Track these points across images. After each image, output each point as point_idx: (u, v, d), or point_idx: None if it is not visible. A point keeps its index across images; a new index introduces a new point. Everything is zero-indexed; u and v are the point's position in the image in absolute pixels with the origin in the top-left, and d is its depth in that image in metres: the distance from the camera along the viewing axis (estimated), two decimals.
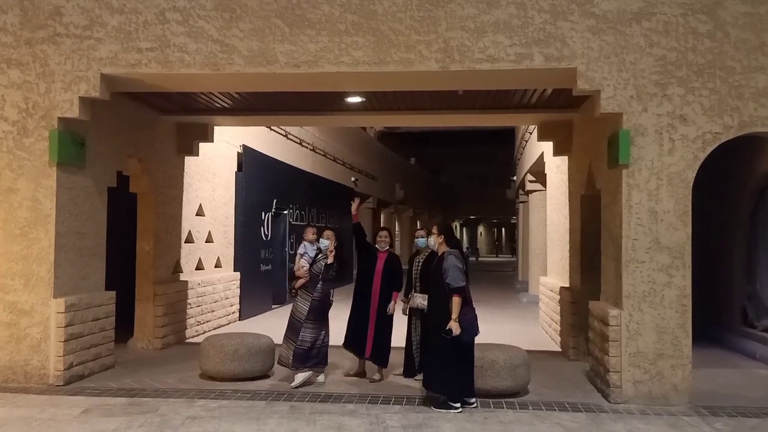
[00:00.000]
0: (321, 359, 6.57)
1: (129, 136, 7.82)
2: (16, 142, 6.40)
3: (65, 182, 6.53)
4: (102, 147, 7.20)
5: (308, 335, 6.47)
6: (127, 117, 7.77)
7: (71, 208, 6.65)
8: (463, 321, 5.46)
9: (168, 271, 8.93)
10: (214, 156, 10.55)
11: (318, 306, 6.56)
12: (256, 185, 12.17)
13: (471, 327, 5.54)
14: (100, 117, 7.10)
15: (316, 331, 6.49)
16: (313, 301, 6.54)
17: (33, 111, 6.40)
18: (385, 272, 6.78)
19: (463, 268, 5.63)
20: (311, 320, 6.51)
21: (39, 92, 6.39)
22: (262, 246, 12.62)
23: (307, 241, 7.08)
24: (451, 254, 5.69)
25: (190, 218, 9.69)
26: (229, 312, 10.97)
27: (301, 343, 6.40)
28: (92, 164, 6.99)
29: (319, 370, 6.62)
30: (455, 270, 5.56)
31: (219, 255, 10.77)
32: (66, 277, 6.55)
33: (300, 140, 15.35)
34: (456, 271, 5.55)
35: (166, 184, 8.87)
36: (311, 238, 7.01)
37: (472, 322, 5.57)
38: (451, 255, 5.67)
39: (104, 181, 7.26)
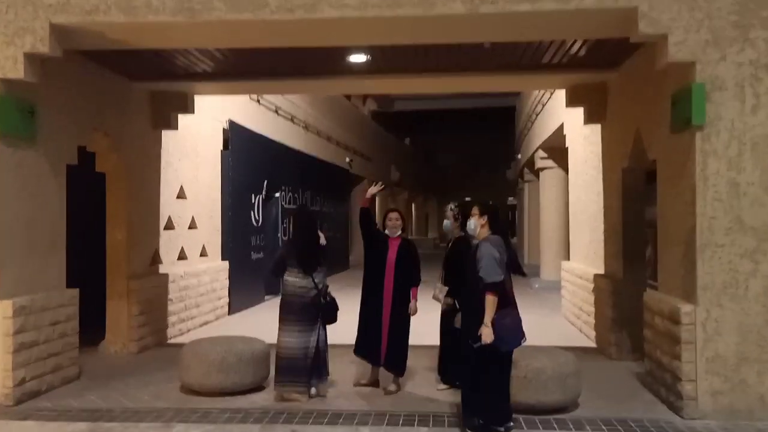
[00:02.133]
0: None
1: (93, 106, 6.61)
2: None
3: (9, 159, 5.34)
4: (58, 118, 6.00)
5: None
6: (89, 83, 6.55)
7: (18, 191, 5.47)
8: (499, 327, 4.25)
9: (144, 263, 7.77)
10: (196, 132, 9.35)
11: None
12: (244, 165, 10.99)
13: (511, 335, 4.31)
14: (56, 82, 5.90)
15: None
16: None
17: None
18: (399, 263, 5.63)
19: (501, 258, 4.41)
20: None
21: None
22: (252, 232, 11.46)
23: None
24: (488, 241, 4.53)
25: (170, 202, 8.51)
26: (216, 306, 9.83)
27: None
28: (46, 138, 5.80)
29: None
30: (490, 261, 4.34)
31: (204, 243, 9.61)
32: (14, 275, 5.39)
33: (291, 116, 14.13)
34: (491, 262, 4.33)
35: (140, 162, 7.67)
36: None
37: (512, 329, 4.33)
38: (486, 242, 4.50)
39: (62, 159, 6.07)
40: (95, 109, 6.67)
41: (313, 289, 5.29)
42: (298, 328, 5.26)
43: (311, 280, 5.28)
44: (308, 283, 5.28)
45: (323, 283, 5.38)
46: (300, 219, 5.67)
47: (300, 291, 5.29)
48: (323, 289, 5.36)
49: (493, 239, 4.54)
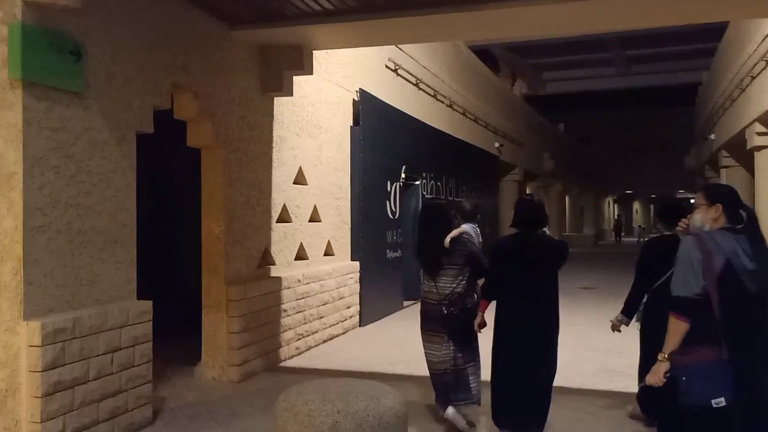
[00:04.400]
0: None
1: (174, 55, 4.96)
2: None
3: (42, 119, 3.75)
4: (123, 67, 4.38)
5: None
6: (169, 22, 4.90)
7: (60, 162, 3.88)
8: (680, 368, 2.75)
9: (250, 265, 6.08)
10: (319, 101, 7.57)
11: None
12: (379, 145, 9.09)
13: (698, 385, 2.72)
14: (117, 14, 4.28)
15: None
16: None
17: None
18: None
19: (711, 266, 2.73)
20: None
21: None
22: (388, 226, 9.55)
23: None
24: (699, 237, 2.84)
25: (285, 187, 6.78)
26: (344, 317, 8.01)
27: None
28: (101, 93, 4.19)
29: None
30: (683, 267, 2.79)
31: (329, 238, 7.82)
32: (48, 283, 3.81)
33: (434, 91, 12.08)
34: (684, 269, 2.79)
35: (246, 135, 5.98)
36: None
37: (702, 376, 2.72)
38: (692, 239, 2.84)
39: (129, 124, 4.45)
40: (179, 60, 5.01)
41: (437, 294, 4.38)
42: (435, 339, 4.42)
43: (434, 284, 4.40)
44: (431, 287, 4.43)
45: (452, 290, 4.34)
46: (422, 214, 4.78)
47: (427, 297, 4.48)
48: (451, 297, 4.33)
49: (709, 236, 2.80)
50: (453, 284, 4.34)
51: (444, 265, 4.35)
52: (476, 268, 4.39)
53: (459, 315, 4.31)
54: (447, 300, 4.31)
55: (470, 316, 4.32)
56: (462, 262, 4.34)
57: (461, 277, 4.35)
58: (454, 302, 4.31)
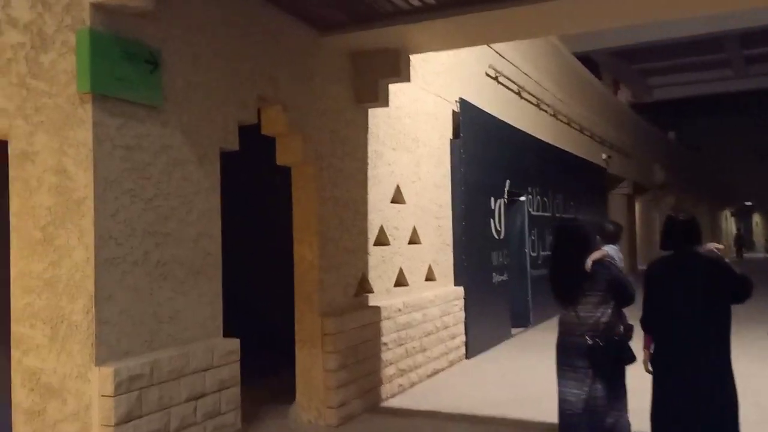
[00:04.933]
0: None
1: (260, 64, 4.50)
2: (30, 63, 3.37)
3: (115, 136, 3.34)
4: (203, 76, 3.94)
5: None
6: (254, 30, 4.45)
7: (135, 185, 3.45)
8: None
9: (346, 293, 5.49)
10: (416, 113, 6.95)
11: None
12: (481, 159, 8.34)
13: None
14: (199, 20, 3.85)
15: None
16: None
17: None
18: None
19: None
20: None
21: None
22: (493, 247, 8.74)
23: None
24: None
25: (383, 207, 6.18)
26: (449, 348, 7.26)
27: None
28: (182, 105, 3.76)
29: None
30: None
31: (430, 262, 7.13)
32: (124, 321, 3.36)
33: (537, 100, 11.20)
34: None
35: (339, 151, 5.44)
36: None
37: None
38: None
39: (212, 140, 4.00)
40: (265, 70, 4.55)
41: (578, 325, 3.87)
42: (575, 376, 3.90)
43: (574, 314, 3.89)
44: (571, 317, 3.92)
45: (596, 320, 3.83)
46: (557, 236, 4.31)
47: (565, 327, 3.98)
48: (596, 327, 3.82)
49: None
50: (596, 313, 3.84)
51: (585, 292, 3.85)
52: (622, 295, 3.83)
53: (605, 347, 3.79)
54: (591, 330, 3.83)
55: (618, 350, 3.85)
56: (605, 288, 3.82)
57: (605, 305, 3.85)
58: (600, 333, 3.81)
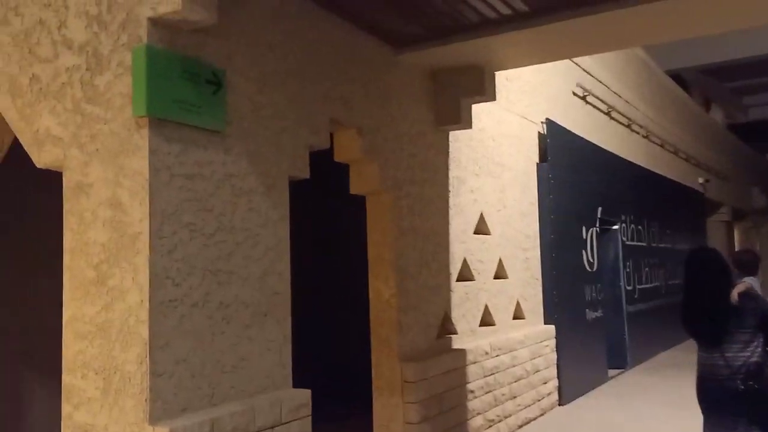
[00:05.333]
0: None
1: (332, 85, 4.11)
2: (84, 86, 3.09)
3: (173, 164, 2.99)
4: (271, 98, 3.58)
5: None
6: (326, 47, 4.08)
7: (196, 218, 3.09)
8: None
9: (428, 335, 4.96)
10: (500, 135, 6.42)
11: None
12: (570, 184, 7.67)
13: None
14: (265, 36, 3.51)
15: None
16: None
17: (108, 15, 3.04)
18: None
19: None
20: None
21: None
22: (585, 280, 7.98)
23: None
24: None
25: (465, 238, 5.63)
26: (541, 395, 6.55)
27: None
28: (247, 130, 3.40)
29: None
30: None
31: (518, 298, 6.49)
32: (183, 372, 2.96)
33: (629, 120, 10.40)
34: None
35: (417, 177, 4.97)
36: None
37: None
38: None
39: (281, 169, 3.61)
40: (338, 91, 4.16)
41: (724, 367, 3.46)
42: (712, 422, 3.55)
43: (719, 354, 3.48)
44: (715, 359, 3.50)
45: (745, 360, 3.43)
46: (691, 265, 3.72)
47: (709, 371, 3.55)
48: (747, 369, 3.41)
49: None
50: (746, 352, 3.46)
51: (732, 329, 3.49)
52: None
53: (761, 391, 3.43)
54: (741, 373, 3.44)
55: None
56: (755, 323, 3.45)
57: (755, 342, 3.48)
58: (752, 375, 3.43)
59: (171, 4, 2.84)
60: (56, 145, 3.16)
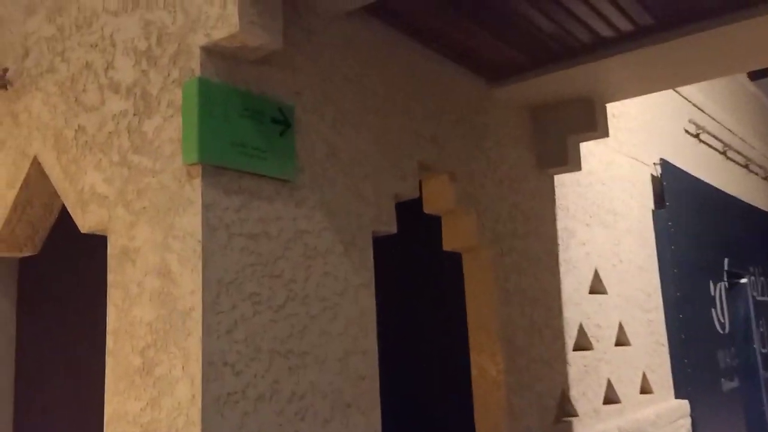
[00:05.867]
0: None
1: (420, 123, 3.50)
2: (132, 134, 2.61)
3: (235, 218, 2.42)
4: (349, 139, 3.00)
5: None
6: (415, 82, 3.49)
7: (260, 287, 2.48)
8: None
9: (544, 419, 4.09)
10: (610, 179, 5.59)
11: None
12: (692, 233, 6.65)
13: None
14: (341, 66, 2.97)
15: None
16: None
17: (158, 49, 2.57)
18: None
19: None
20: None
21: (170, 6, 2.55)
22: (717, 344, 6.81)
23: None
24: None
25: (579, 299, 4.78)
26: None
27: None
28: (321, 177, 2.81)
29: None
30: None
31: (644, 369, 5.48)
32: None
33: (746, 160, 9.26)
34: None
35: (520, 229, 4.23)
36: None
37: None
38: None
39: (361, 221, 2.99)
40: (426, 130, 3.54)
41: None
42: None
43: None
44: None
45: None
46: None
47: None
48: None
49: None
50: None
51: None
52: None
53: None
54: None
55: None
56: None
57: None
58: None
59: (227, 26, 2.33)
60: (101, 204, 2.68)
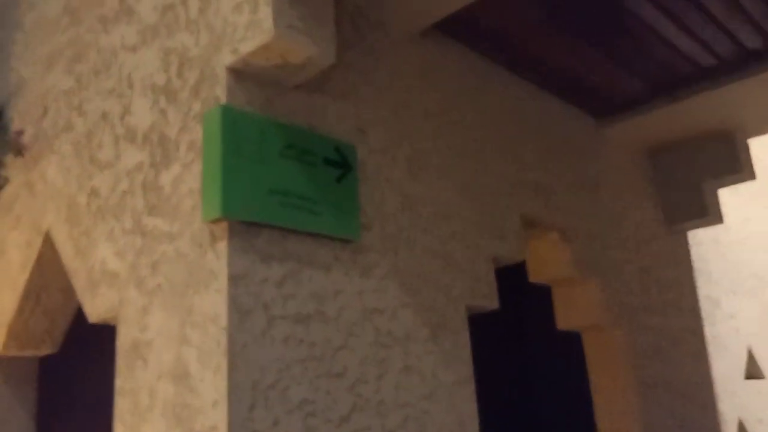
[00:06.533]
0: None
1: (520, 169, 2.76)
2: (147, 191, 2.00)
3: (276, 295, 1.72)
4: (432, 189, 2.29)
5: None
6: (511, 119, 2.78)
7: (312, 391, 1.74)
8: None
9: None
10: (750, 235, 4.56)
11: None
12: None
13: None
14: (422, 99, 2.31)
15: None
16: None
17: (178, 81, 1.99)
18: None
19: None
20: None
21: (193, 25, 2.00)
22: None
23: None
24: None
25: (734, 387, 3.72)
26: None
27: None
28: (396, 239, 2.09)
29: None
30: None
31: None
32: None
33: None
34: None
35: (654, 302, 3.31)
36: None
37: None
38: None
39: (453, 296, 2.23)
40: (529, 177, 2.79)
41: None
42: None
43: None
44: None
45: None
46: None
47: None
48: None
49: None
50: None
51: None
52: None
53: None
54: None
55: None
56: None
57: None
58: None
59: (260, 34, 1.73)
60: (111, 284, 2.07)
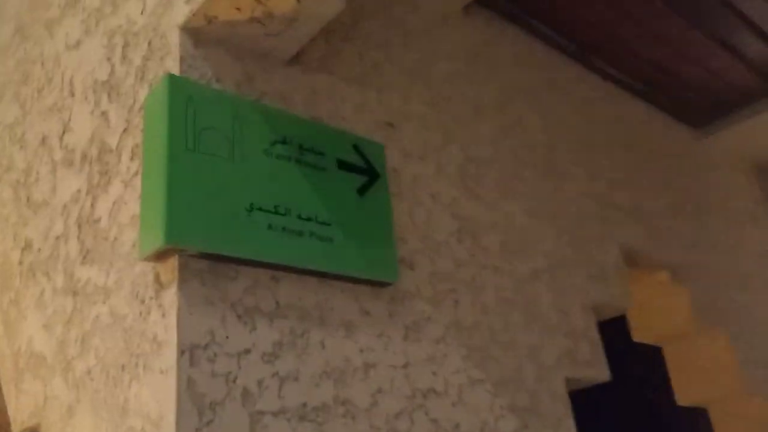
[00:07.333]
0: None
1: (614, 188, 2.05)
2: (82, 229, 1.32)
3: (262, 375, 1.02)
4: (490, 211, 1.60)
5: None
6: (593, 127, 2.10)
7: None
8: None
9: None
10: None
11: None
12: None
13: None
14: (461, 87, 1.66)
15: None
16: None
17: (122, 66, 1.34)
18: None
19: None
20: None
21: None
22: None
23: None
24: None
25: None
26: None
27: None
28: (452, 281, 1.38)
29: None
30: None
31: None
32: None
33: None
34: None
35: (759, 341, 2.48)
36: None
37: None
38: None
39: (539, 363, 1.48)
40: (626, 200, 2.07)
41: None
42: None
43: None
44: None
45: None
46: None
47: None
48: None
49: None
50: None
51: None
52: None
53: None
54: None
55: None
56: None
57: None
58: None
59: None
60: (36, 376, 1.39)
